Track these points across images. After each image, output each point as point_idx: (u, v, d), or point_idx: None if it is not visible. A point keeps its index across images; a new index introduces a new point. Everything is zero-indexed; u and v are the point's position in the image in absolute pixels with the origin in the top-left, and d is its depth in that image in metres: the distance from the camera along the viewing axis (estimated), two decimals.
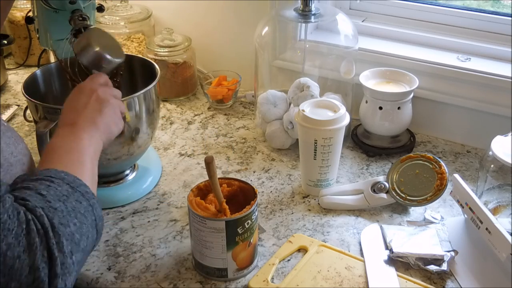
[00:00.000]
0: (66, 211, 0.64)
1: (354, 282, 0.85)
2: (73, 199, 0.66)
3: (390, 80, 1.17)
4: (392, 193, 0.99)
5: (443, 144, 1.21)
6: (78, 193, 0.67)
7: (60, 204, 0.64)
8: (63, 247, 0.61)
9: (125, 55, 0.94)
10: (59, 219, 0.62)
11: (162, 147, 1.20)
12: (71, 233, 0.63)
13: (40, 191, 0.64)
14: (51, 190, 0.65)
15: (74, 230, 0.64)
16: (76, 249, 0.63)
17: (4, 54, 1.54)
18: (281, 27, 1.26)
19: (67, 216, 0.64)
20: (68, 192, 0.66)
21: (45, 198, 0.63)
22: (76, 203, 0.66)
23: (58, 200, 0.64)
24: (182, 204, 1.03)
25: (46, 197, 0.63)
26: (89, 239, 0.67)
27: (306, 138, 1.01)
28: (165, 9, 1.48)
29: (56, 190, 0.65)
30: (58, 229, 0.61)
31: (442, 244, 0.89)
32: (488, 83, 1.14)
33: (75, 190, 0.67)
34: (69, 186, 0.67)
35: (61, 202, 0.64)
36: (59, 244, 0.61)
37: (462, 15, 1.23)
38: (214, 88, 1.34)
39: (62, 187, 0.66)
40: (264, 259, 0.90)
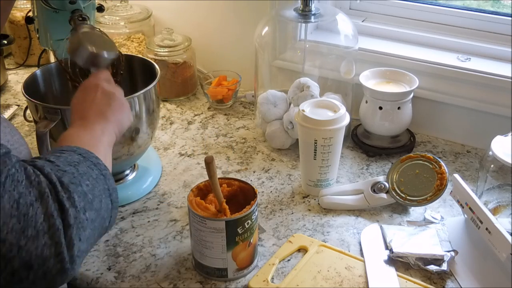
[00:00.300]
0: (77, 173, 0.63)
1: (354, 282, 0.85)
2: (84, 165, 0.66)
3: (390, 80, 1.17)
4: (392, 193, 0.99)
5: (443, 144, 1.21)
6: (89, 162, 0.67)
7: (70, 167, 0.64)
8: (75, 202, 0.60)
9: (118, 50, 0.94)
10: (69, 178, 0.62)
11: (162, 147, 1.20)
12: (83, 192, 0.62)
13: (49, 158, 0.64)
14: (61, 158, 0.65)
15: (86, 190, 0.63)
16: (89, 206, 0.62)
17: (4, 54, 1.54)
18: (281, 27, 1.26)
19: (78, 177, 0.63)
20: (79, 160, 0.66)
21: (54, 163, 0.63)
22: (88, 169, 0.66)
23: (69, 164, 0.64)
24: (182, 204, 1.03)
25: (54, 162, 0.63)
26: (103, 203, 0.66)
27: (306, 138, 1.01)
28: (165, 9, 1.48)
29: (66, 158, 0.65)
30: (68, 186, 0.61)
31: (442, 244, 0.89)
32: (488, 83, 1.14)
33: (86, 159, 0.67)
34: (81, 156, 0.67)
35: (72, 166, 0.64)
36: (70, 199, 0.60)
37: (462, 15, 1.23)
38: (214, 88, 1.34)
39: (72, 156, 0.66)
40: (264, 259, 0.90)
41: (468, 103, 1.16)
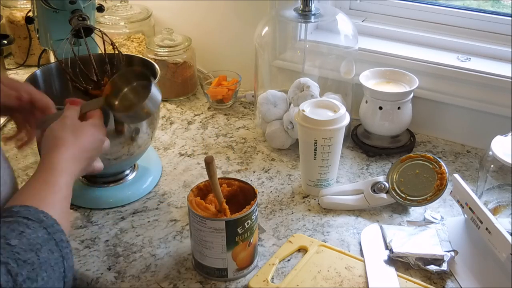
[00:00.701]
0: (37, 263, 0.60)
1: (354, 282, 0.85)
2: (46, 249, 0.62)
3: (390, 80, 1.17)
4: (392, 193, 0.99)
5: (443, 144, 1.21)
6: (53, 242, 0.63)
7: (32, 255, 0.60)
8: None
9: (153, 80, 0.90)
10: (27, 273, 0.58)
11: (162, 147, 1.20)
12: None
13: (9, 240, 0.59)
14: (24, 239, 0.60)
15: (40, 285, 0.59)
16: None
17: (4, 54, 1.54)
18: (281, 27, 1.26)
19: (37, 269, 0.59)
20: (43, 240, 0.62)
21: (14, 250, 0.58)
22: (49, 254, 0.62)
23: (31, 250, 0.60)
24: (182, 204, 1.03)
25: (15, 247, 0.59)
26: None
27: (306, 138, 1.01)
28: (165, 9, 1.48)
29: (30, 237, 0.61)
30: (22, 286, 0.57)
31: (442, 244, 0.89)
32: (488, 83, 1.14)
33: (51, 238, 0.63)
34: (46, 231, 0.63)
35: (34, 253, 0.60)
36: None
37: (462, 15, 1.23)
38: (214, 88, 1.34)
39: (37, 233, 0.62)
40: (264, 259, 0.90)
41: (468, 103, 1.16)
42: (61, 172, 0.72)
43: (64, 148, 0.75)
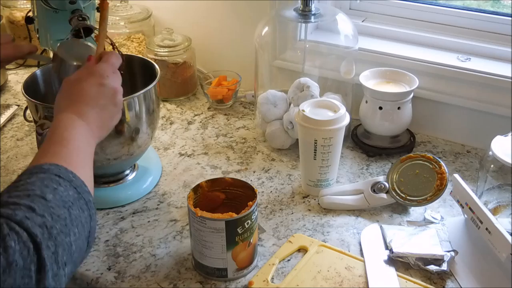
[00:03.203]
0: (69, 219, 0.61)
1: (354, 282, 0.85)
2: (77, 206, 0.64)
3: (390, 80, 1.17)
4: (392, 193, 0.99)
5: (443, 144, 1.21)
6: (82, 201, 0.65)
7: (64, 211, 0.61)
8: (58, 258, 0.58)
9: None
10: (60, 226, 0.60)
11: (162, 147, 1.20)
12: (70, 243, 0.60)
13: (45, 195, 0.61)
14: (57, 195, 0.62)
15: (73, 240, 0.61)
16: (69, 260, 0.60)
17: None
18: (281, 27, 1.26)
19: (69, 224, 0.61)
20: (74, 198, 0.64)
21: (49, 204, 0.60)
22: (80, 211, 0.64)
23: (64, 206, 0.61)
24: (182, 204, 1.03)
25: (50, 202, 0.60)
26: (81, 252, 0.64)
27: (306, 138, 1.01)
28: (165, 9, 1.48)
29: (62, 194, 0.62)
30: (56, 239, 0.58)
31: (442, 244, 0.89)
32: (488, 83, 1.14)
33: (81, 197, 0.65)
34: (76, 191, 0.65)
35: (66, 209, 0.62)
36: (55, 255, 0.58)
37: (462, 15, 1.23)
38: (214, 88, 1.34)
39: (68, 191, 0.63)
40: (264, 259, 0.90)
41: (468, 103, 1.16)
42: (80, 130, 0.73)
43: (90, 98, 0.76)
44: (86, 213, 0.65)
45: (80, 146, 0.72)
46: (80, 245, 0.63)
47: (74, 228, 0.62)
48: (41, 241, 0.57)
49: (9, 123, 1.30)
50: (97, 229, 0.97)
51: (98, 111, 0.77)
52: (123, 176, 1.08)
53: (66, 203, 0.62)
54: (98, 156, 0.97)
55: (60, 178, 0.64)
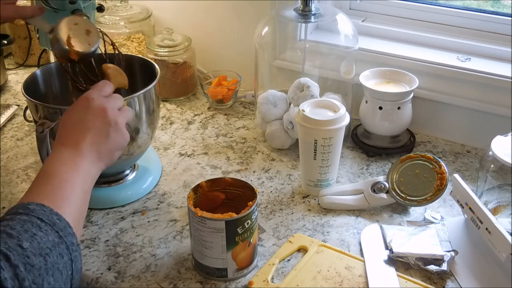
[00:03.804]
0: (45, 268, 0.60)
1: (354, 282, 0.85)
2: (56, 253, 0.62)
3: (390, 80, 1.17)
4: (392, 193, 0.99)
5: (443, 144, 1.21)
6: (63, 245, 0.63)
7: (40, 259, 0.60)
8: None
9: (98, 40, 0.91)
10: (33, 277, 0.58)
11: (162, 147, 1.20)
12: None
13: (22, 242, 0.59)
14: (35, 241, 0.60)
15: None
16: None
17: (4, 54, 1.54)
18: (281, 27, 1.26)
19: (43, 274, 0.60)
20: (53, 244, 0.62)
21: (25, 252, 0.59)
22: (58, 258, 0.62)
23: (40, 254, 0.60)
24: (182, 204, 1.03)
25: (26, 250, 0.59)
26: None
27: (306, 138, 1.01)
28: (165, 9, 1.48)
29: (40, 241, 0.61)
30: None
31: (442, 244, 0.89)
32: (488, 83, 1.14)
33: (62, 241, 0.64)
34: (57, 235, 0.63)
35: (42, 257, 0.60)
36: None
37: (462, 15, 1.23)
38: (214, 88, 1.34)
39: (49, 236, 0.62)
40: (264, 259, 0.90)
41: (468, 103, 1.16)
42: (82, 160, 0.73)
43: (90, 134, 0.75)
44: (65, 258, 0.64)
45: (69, 179, 0.70)
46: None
47: (49, 277, 0.60)
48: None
49: (9, 123, 1.30)
50: (97, 229, 0.97)
51: (91, 136, 0.75)
52: (123, 176, 1.08)
53: (44, 250, 0.61)
54: None
55: (42, 221, 0.63)
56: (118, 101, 0.81)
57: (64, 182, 0.70)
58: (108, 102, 0.78)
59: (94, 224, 0.99)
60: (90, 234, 0.96)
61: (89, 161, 0.74)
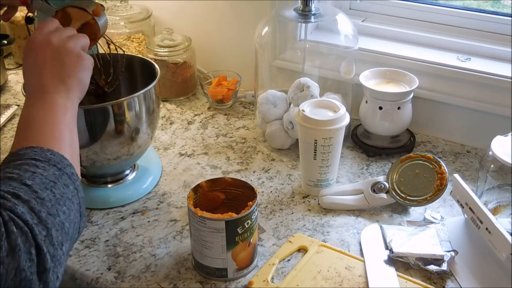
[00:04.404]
0: (55, 200, 0.61)
1: (354, 282, 0.85)
2: (61, 184, 0.63)
3: (390, 80, 1.17)
4: (392, 193, 0.99)
5: (443, 144, 1.21)
6: (65, 176, 0.64)
7: (48, 193, 0.61)
8: (53, 239, 0.58)
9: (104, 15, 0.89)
10: (47, 209, 0.59)
11: (162, 147, 1.20)
12: (61, 222, 0.60)
13: (25, 180, 0.60)
14: (37, 179, 0.61)
15: (63, 219, 0.61)
16: (65, 238, 0.61)
17: (4, 54, 1.54)
18: (281, 27, 1.26)
19: (56, 205, 0.60)
20: (55, 176, 0.63)
21: (31, 189, 0.59)
22: (65, 188, 0.63)
23: (45, 188, 0.61)
24: (182, 204, 1.03)
25: (32, 187, 0.60)
26: (75, 225, 0.64)
27: (306, 138, 1.01)
28: (165, 9, 1.48)
29: (42, 177, 0.61)
30: (46, 222, 0.58)
31: (442, 244, 0.89)
32: (488, 83, 1.14)
33: (63, 173, 0.64)
34: (56, 168, 0.63)
35: (49, 190, 0.61)
36: (49, 237, 0.58)
37: (462, 15, 1.23)
38: (214, 88, 1.34)
39: (48, 171, 0.62)
40: (264, 259, 0.90)
41: (468, 103, 1.16)
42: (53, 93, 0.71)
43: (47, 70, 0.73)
44: (71, 187, 0.64)
45: (49, 119, 0.69)
46: (73, 220, 0.63)
47: (61, 206, 0.61)
48: (32, 226, 0.57)
49: (9, 123, 1.30)
50: (97, 229, 0.97)
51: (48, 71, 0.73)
52: (123, 176, 1.08)
53: (48, 184, 0.61)
54: (98, 156, 0.97)
55: (37, 160, 0.63)
56: (66, 31, 0.78)
57: (45, 124, 0.69)
58: (51, 35, 0.76)
59: (94, 224, 0.99)
60: (90, 234, 0.96)
61: (60, 96, 0.72)
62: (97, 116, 0.94)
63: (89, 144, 0.95)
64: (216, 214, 0.82)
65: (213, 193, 0.90)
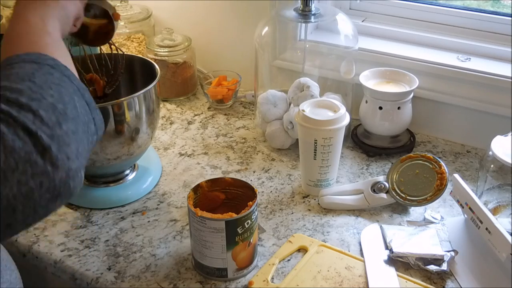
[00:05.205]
0: (35, 86, 0.55)
1: (354, 282, 0.85)
2: (40, 73, 0.57)
3: (390, 80, 1.17)
4: (392, 193, 0.99)
5: (443, 144, 1.21)
6: (46, 67, 0.58)
7: (26, 83, 0.55)
8: (44, 119, 0.53)
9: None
10: (28, 96, 0.54)
11: (162, 147, 1.20)
12: (50, 104, 0.55)
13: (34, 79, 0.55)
14: (12, 77, 0.56)
15: (53, 101, 0.55)
16: (63, 118, 0.55)
17: None
18: (281, 27, 1.26)
19: (37, 91, 0.55)
20: (33, 69, 0.57)
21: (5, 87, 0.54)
22: (47, 76, 0.57)
23: (21, 80, 0.55)
24: (182, 204, 1.03)
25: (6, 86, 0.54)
26: (78, 108, 0.58)
27: (306, 138, 1.01)
28: (165, 9, 1.48)
29: (17, 73, 0.56)
30: (30, 106, 0.53)
31: (442, 244, 0.89)
32: (488, 83, 1.14)
33: (41, 65, 0.58)
34: (33, 62, 0.58)
35: (26, 81, 0.55)
36: (38, 119, 0.52)
37: (462, 15, 1.23)
38: (214, 88, 1.34)
39: (24, 67, 0.57)
40: (264, 259, 0.90)
41: (468, 103, 1.16)
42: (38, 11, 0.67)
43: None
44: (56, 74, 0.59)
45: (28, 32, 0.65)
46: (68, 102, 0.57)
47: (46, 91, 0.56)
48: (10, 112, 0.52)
49: None
50: (97, 229, 0.97)
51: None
52: (123, 176, 1.08)
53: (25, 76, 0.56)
54: (98, 156, 0.97)
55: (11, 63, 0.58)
56: None
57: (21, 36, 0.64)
58: None
59: (94, 224, 0.99)
60: (90, 234, 0.96)
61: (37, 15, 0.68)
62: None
63: None
64: (216, 214, 0.82)
65: (213, 193, 0.90)
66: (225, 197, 0.90)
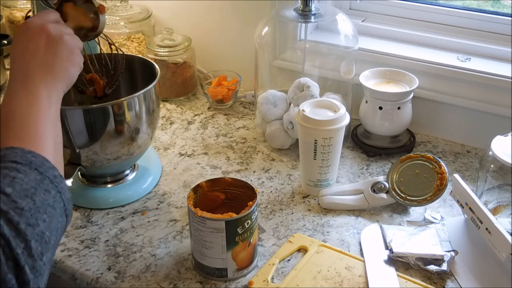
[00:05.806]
0: (35, 208, 0.58)
1: (354, 282, 0.85)
2: (41, 190, 0.60)
3: (390, 80, 1.17)
4: (392, 193, 0.99)
5: (443, 144, 1.21)
6: (47, 181, 0.61)
7: (28, 201, 0.58)
8: (32, 251, 0.56)
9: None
10: (26, 220, 0.57)
11: (162, 147, 1.20)
12: (41, 232, 0.58)
13: (3, 189, 0.57)
14: (17, 185, 0.58)
15: (43, 227, 0.58)
16: (46, 248, 0.58)
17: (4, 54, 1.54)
18: (281, 27, 1.26)
19: (35, 213, 0.58)
20: (36, 182, 0.60)
21: (10, 198, 0.57)
22: (46, 194, 0.60)
23: (25, 196, 0.58)
24: (182, 204, 1.03)
25: (10, 196, 0.57)
26: (58, 231, 0.62)
27: (306, 138, 1.01)
28: (165, 9, 1.48)
29: (22, 182, 0.59)
30: (25, 233, 0.56)
31: (442, 244, 0.89)
32: (488, 83, 1.14)
33: (44, 177, 0.61)
34: (37, 172, 0.61)
35: (29, 198, 0.58)
36: (27, 249, 0.56)
37: (462, 15, 1.23)
38: (214, 88, 1.34)
39: (29, 176, 0.60)
40: (264, 259, 0.90)
41: (468, 103, 1.16)
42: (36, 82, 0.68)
43: (38, 57, 0.70)
44: (53, 191, 0.62)
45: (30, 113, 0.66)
46: (55, 226, 0.61)
47: (42, 215, 0.59)
48: (10, 239, 0.55)
49: None
50: (97, 229, 0.97)
51: (39, 59, 0.70)
52: (123, 176, 1.08)
53: (28, 190, 0.59)
54: (98, 156, 0.97)
55: (18, 164, 0.60)
56: (65, 27, 0.77)
57: (26, 118, 0.66)
58: (50, 23, 0.73)
59: (94, 224, 0.99)
60: (90, 234, 0.96)
61: (44, 86, 0.69)
62: (97, 116, 0.94)
63: (89, 144, 0.95)
64: (216, 214, 0.82)
65: (213, 193, 0.90)
66: (225, 197, 0.90)
